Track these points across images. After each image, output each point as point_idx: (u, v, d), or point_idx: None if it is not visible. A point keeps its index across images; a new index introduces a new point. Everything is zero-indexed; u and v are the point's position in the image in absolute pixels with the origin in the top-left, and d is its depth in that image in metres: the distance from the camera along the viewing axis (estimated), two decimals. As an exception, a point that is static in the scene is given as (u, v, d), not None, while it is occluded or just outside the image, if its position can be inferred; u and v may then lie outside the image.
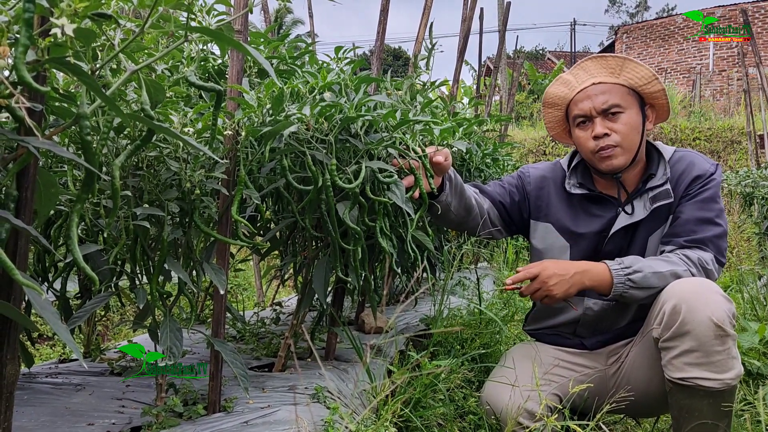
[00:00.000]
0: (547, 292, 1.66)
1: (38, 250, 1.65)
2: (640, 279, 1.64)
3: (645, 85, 1.79)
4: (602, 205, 1.86)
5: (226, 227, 1.40)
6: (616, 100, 1.77)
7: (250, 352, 2.04)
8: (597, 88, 1.79)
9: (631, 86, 1.79)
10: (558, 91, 1.88)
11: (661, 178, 1.79)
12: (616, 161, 1.77)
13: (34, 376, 1.75)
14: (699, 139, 12.74)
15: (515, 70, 6.37)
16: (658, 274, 1.64)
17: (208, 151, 0.88)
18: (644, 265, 1.67)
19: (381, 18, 2.30)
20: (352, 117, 1.39)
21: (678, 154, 1.84)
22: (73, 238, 0.78)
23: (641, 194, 1.81)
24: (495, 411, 1.75)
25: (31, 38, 0.63)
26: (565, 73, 1.89)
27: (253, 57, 0.86)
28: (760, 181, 4.76)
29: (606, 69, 1.80)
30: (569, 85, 1.86)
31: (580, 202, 1.89)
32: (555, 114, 1.92)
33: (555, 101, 1.90)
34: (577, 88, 1.83)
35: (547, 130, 2.00)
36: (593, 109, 1.78)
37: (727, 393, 1.54)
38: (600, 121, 1.77)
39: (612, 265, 1.67)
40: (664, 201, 1.76)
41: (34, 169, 0.82)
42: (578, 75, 1.85)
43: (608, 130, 1.76)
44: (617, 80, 1.79)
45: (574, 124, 1.85)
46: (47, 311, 0.74)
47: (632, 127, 1.77)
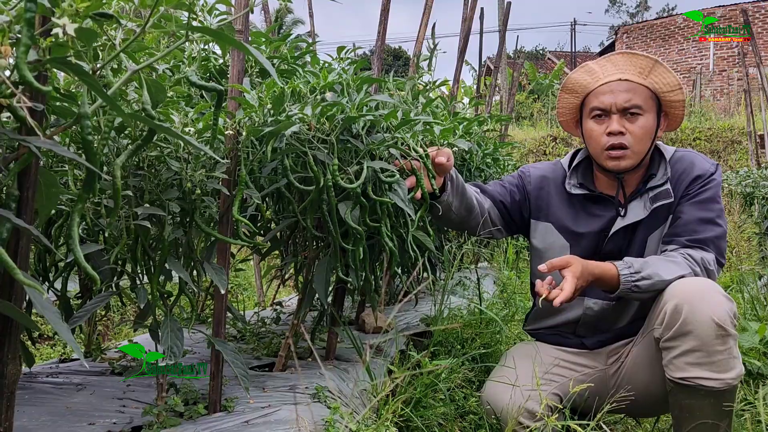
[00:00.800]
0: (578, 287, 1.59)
1: (39, 250, 1.65)
2: (647, 286, 1.62)
3: (669, 93, 1.77)
4: (602, 204, 1.86)
5: (227, 227, 1.40)
6: (638, 101, 1.74)
7: (251, 352, 2.04)
8: (622, 84, 1.75)
9: (655, 90, 1.77)
10: (581, 78, 1.84)
11: (661, 178, 1.78)
12: (624, 163, 1.75)
13: (35, 375, 1.75)
14: (699, 139, 12.74)
15: (515, 70, 6.36)
16: (665, 282, 1.61)
17: (209, 151, 0.88)
18: (653, 273, 1.63)
19: (382, 18, 2.30)
20: (354, 117, 1.38)
21: (678, 154, 1.83)
22: (74, 237, 0.78)
23: (641, 194, 1.80)
24: (495, 411, 1.75)
25: (33, 38, 0.63)
26: (593, 62, 1.85)
27: (254, 57, 0.86)
28: (761, 181, 4.76)
29: (636, 67, 1.77)
30: (594, 74, 1.82)
31: (580, 202, 1.89)
32: (571, 101, 1.89)
33: (575, 88, 1.86)
34: (602, 80, 1.79)
35: (557, 115, 1.95)
36: (614, 105, 1.75)
37: (728, 393, 1.53)
38: (618, 118, 1.75)
39: (621, 268, 1.64)
40: (664, 201, 1.76)
41: (36, 169, 0.83)
42: (605, 67, 1.81)
43: (624, 129, 1.74)
44: (644, 81, 1.76)
45: (589, 115, 1.82)
46: (48, 311, 0.74)
47: (646, 132, 1.75)
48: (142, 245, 1.34)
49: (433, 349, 2.13)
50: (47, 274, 1.68)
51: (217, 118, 1.13)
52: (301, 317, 1.80)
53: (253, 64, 1.65)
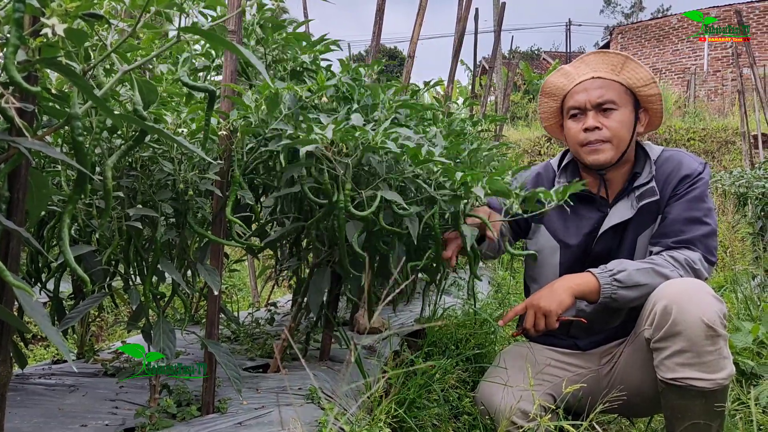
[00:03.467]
0: (544, 312, 1.66)
1: (31, 251, 1.65)
2: (625, 277, 1.65)
3: (642, 87, 1.80)
4: (590, 206, 1.87)
5: (220, 228, 1.40)
6: (611, 96, 1.78)
7: (245, 353, 2.03)
8: (595, 82, 1.80)
9: (629, 86, 1.80)
10: (557, 81, 1.89)
11: (646, 176, 1.80)
12: (603, 156, 1.78)
13: (27, 377, 1.74)
14: (693, 139, 12.77)
15: (511, 69, 6.37)
16: (641, 270, 1.65)
17: (200, 152, 0.87)
18: (627, 265, 1.68)
19: (377, 18, 2.30)
20: (375, 147, 1.34)
21: (666, 154, 1.85)
22: (64, 239, 0.78)
23: (627, 194, 1.82)
24: (489, 411, 1.75)
25: (22, 38, 0.62)
26: (567, 65, 1.90)
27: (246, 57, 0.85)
28: (754, 181, 4.77)
29: (607, 65, 1.81)
30: (569, 76, 1.86)
31: (569, 204, 1.90)
32: (551, 104, 1.93)
33: (553, 91, 1.90)
34: (576, 80, 1.84)
35: (541, 120, 2.00)
36: (588, 102, 1.79)
37: (719, 393, 1.54)
38: (593, 114, 1.78)
39: (595, 271, 1.69)
40: (650, 198, 1.77)
41: (26, 170, 0.82)
42: (579, 68, 1.85)
43: (600, 124, 1.77)
44: (616, 78, 1.80)
45: (567, 115, 1.86)
46: (38, 314, 0.73)
47: (623, 125, 1.78)
48: (135, 246, 1.33)
49: (427, 350, 2.13)
50: (39, 275, 1.67)
51: (209, 120, 1.13)
52: (297, 321, 1.79)
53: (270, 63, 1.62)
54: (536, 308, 1.68)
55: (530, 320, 1.69)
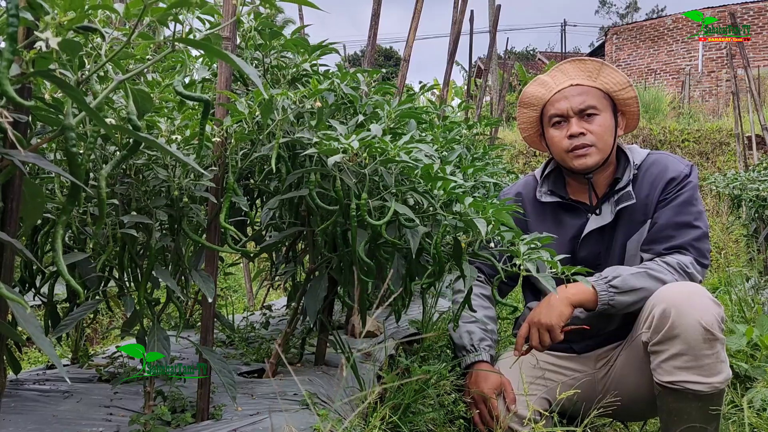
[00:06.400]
0: (546, 327, 1.67)
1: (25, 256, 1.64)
2: (620, 283, 1.66)
3: (619, 91, 1.83)
4: (573, 212, 1.89)
5: (215, 234, 1.40)
6: (592, 101, 1.80)
7: (240, 358, 2.03)
8: (575, 89, 1.82)
9: (607, 91, 1.83)
10: (535, 91, 1.90)
11: (625, 180, 1.82)
12: (590, 160, 1.79)
13: (22, 383, 1.73)
14: (688, 140, 12.80)
15: (506, 71, 6.38)
16: (636, 274, 1.67)
17: (193, 163, 0.87)
18: (621, 271, 1.70)
19: (372, 22, 2.30)
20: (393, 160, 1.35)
21: (652, 158, 1.86)
22: (57, 250, 0.77)
23: (608, 198, 1.84)
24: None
25: (15, 51, 0.62)
26: (544, 75, 1.92)
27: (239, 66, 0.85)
28: (748, 183, 4.79)
29: (584, 72, 1.84)
30: (546, 86, 1.88)
31: (552, 211, 1.92)
32: (530, 114, 1.94)
33: (531, 101, 1.92)
34: (555, 89, 1.86)
35: (520, 131, 2.02)
36: (570, 109, 1.80)
37: (716, 396, 1.55)
38: (576, 121, 1.80)
39: (591, 279, 1.69)
40: (626, 202, 1.79)
41: (20, 180, 0.82)
42: (556, 77, 1.87)
43: (584, 129, 1.79)
44: (594, 83, 1.83)
45: (549, 124, 1.87)
46: (31, 324, 0.73)
47: (606, 129, 1.80)
48: (129, 253, 1.33)
49: (422, 354, 2.13)
50: (34, 281, 1.66)
51: (203, 128, 1.13)
52: (292, 327, 1.79)
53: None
54: (538, 325, 1.68)
55: (535, 338, 1.70)
